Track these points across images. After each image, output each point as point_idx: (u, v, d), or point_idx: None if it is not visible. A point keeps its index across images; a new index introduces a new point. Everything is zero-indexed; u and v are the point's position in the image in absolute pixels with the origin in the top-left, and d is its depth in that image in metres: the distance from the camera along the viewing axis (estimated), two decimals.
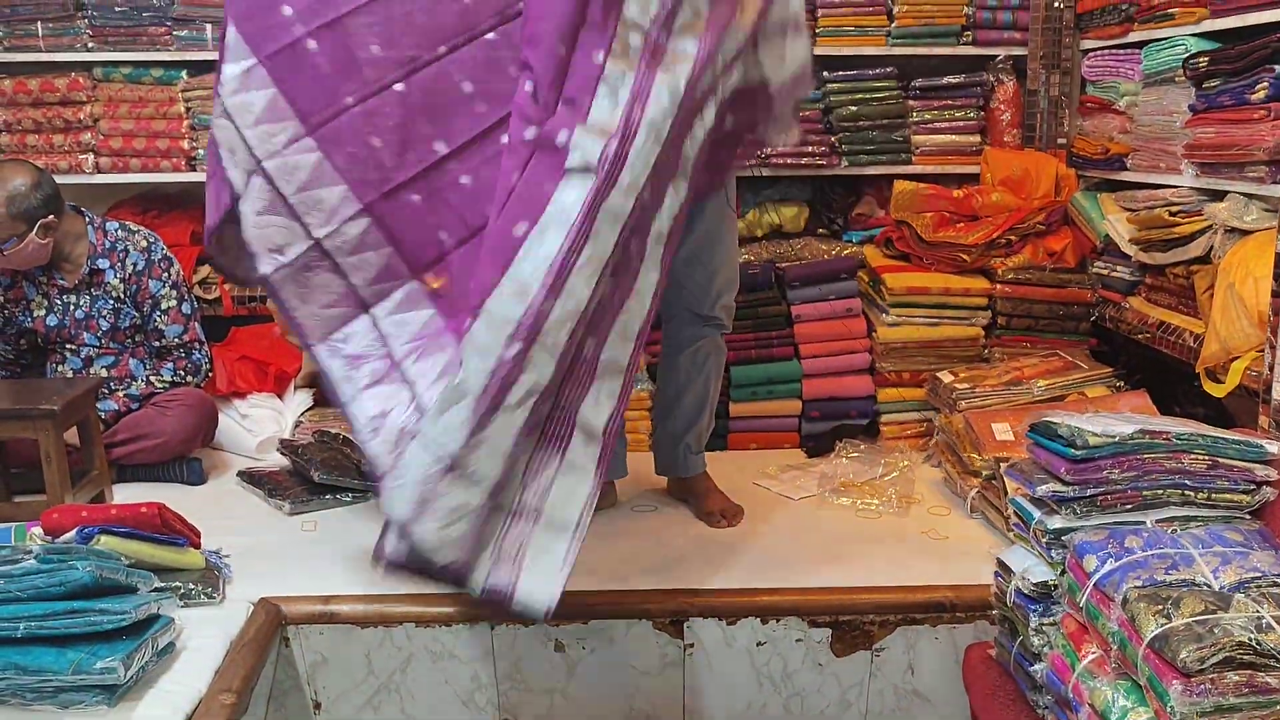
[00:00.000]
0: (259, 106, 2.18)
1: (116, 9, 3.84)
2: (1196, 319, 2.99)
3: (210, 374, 3.46)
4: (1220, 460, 1.90)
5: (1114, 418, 2.01)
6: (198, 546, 2.45)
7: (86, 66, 3.89)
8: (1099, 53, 3.73)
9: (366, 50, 2.16)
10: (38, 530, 2.29)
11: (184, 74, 3.88)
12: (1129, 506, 1.89)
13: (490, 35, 2.18)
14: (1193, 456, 1.90)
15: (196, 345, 3.36)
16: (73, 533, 2.22)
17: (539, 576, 2.13)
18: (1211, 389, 2.76)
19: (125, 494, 3.07)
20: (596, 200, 1.99)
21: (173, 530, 2.36)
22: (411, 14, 2.16)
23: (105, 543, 2.18)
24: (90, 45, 3.88)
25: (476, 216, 2.17)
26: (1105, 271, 3.51)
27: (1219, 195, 2.99)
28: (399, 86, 2.17)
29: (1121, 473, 1.88)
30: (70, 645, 1.93)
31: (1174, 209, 3.12)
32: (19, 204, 3.02)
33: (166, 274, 3.29)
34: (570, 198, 1.99)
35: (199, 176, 3.92)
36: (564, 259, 1.99)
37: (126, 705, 1.95)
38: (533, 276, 1.99)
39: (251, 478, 3.21)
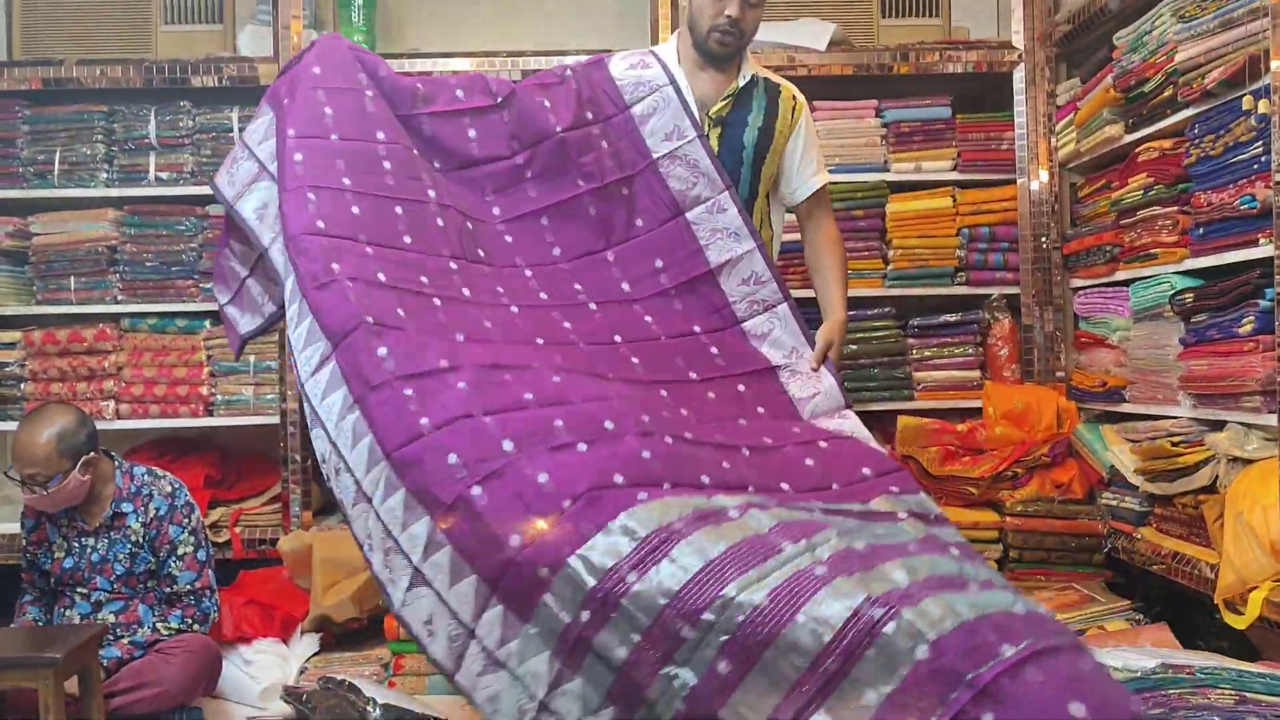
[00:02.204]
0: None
1: (147, 264, 4.04)
2: (1210, 549, 2.97)
3: (217, 621, 3.42)
4: (1248, 695, 1.87)
5: (1135, 652, 1.98)
6: None
7: (114, 318, 4.05)
8: (1088, 290, 3.86)
9: None
10: None
11: (207, 323, 4.03)
12: None
13: None
14: (1219, 691, 1.87)
15: (207, 593, 3.33)
16: None
17: None
18: (1232, 620, 2.70)
19: None
20: None
21: None
22: None
23: None
24: (120, 298, 4.05)
25: None
26: (1114, 502, 3.51)
27: (1219, 425, 3.03)
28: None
29: (1147, 710, 1.83)
30: None
31: (1175, 439, 3.16)
32: (67, 441, 3.10)
33: (188, 520, 3.31)
34: None
35: (215, 421, 4.03)
36: None
37: None
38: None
39: None
